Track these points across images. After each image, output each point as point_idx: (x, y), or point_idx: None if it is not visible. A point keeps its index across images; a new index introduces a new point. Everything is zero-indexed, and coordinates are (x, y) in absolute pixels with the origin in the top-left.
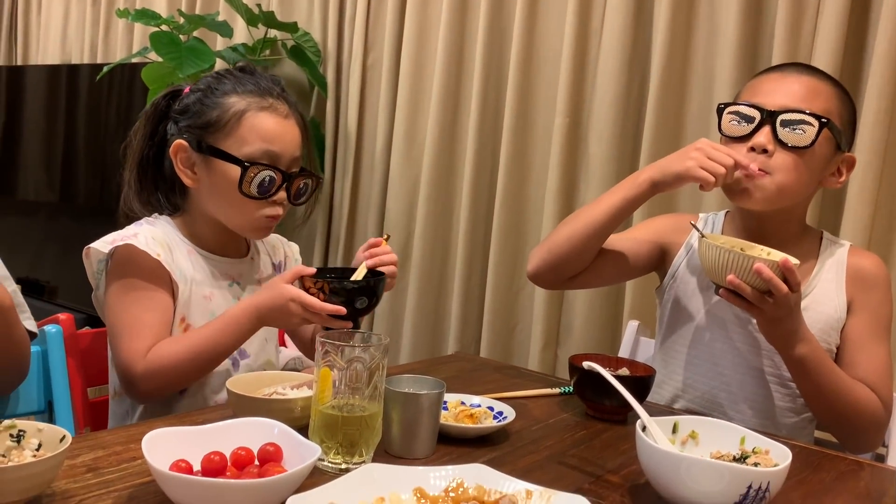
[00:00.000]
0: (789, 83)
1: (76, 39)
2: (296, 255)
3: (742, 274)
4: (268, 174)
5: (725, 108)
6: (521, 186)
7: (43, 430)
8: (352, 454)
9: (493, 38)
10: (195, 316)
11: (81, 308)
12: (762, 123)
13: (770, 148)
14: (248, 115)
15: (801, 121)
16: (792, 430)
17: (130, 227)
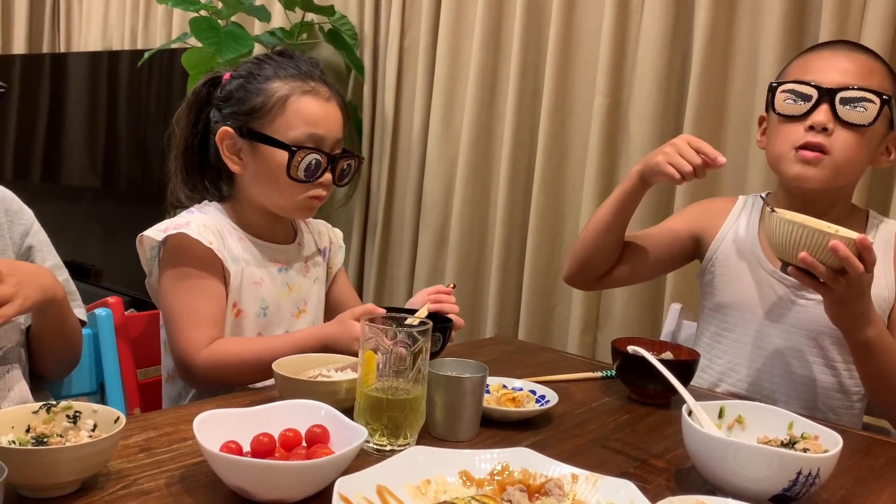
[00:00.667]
0: (842, 60)
1: (117, 26)
2: (340, 241)
3: (815, 251)
4: (314, 157)
5: (779, 87)
6: (560, 167)
7: (98, 412)
8: (396, 436)
9: (531, 17)
10: (246, 301)
11: (125, 291)
12: (820, 101)
13: (830, 126)
14: (292, 100)
15: (863, 98)
16: (839, 413)
17: (183, 215)
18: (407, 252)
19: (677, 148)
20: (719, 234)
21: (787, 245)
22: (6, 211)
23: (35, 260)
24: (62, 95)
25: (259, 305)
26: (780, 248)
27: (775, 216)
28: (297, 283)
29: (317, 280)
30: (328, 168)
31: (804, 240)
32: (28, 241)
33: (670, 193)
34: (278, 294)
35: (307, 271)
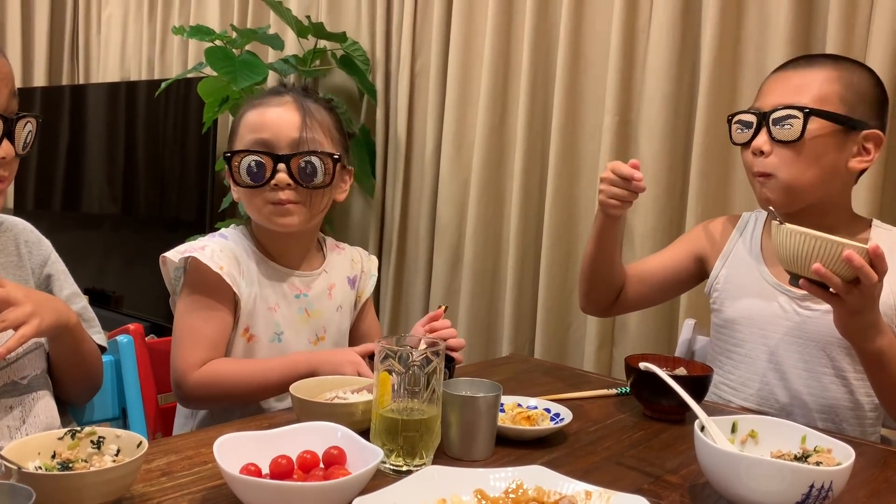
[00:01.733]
0: (786, 80)
1: (134, 57)
2: (373, 270)
3: (829, 262)
4: (253, 159)
5: (731, 119)
6: (572, 186)
7: (121, 437)
8: (412, 456)
9: (540, 39)
10: (259, 326)
11: (145, 317)
12: (759, 127)
13: (767, 149)
14: (244, 116)
15: (787, 116)
16: (852, 423)
17: (203, 239)
18: (422, 272)
19: (607, 181)
20: (723, 251)
21: (799, 257)
22: (25, 242)
23: (53, 289)
24: (82, 126)
25: (273, 331)
26: (791, 261)
27: (785, 228)
28: (316, 309)
29: (340, 308)
30: (277, 168)
31: (817, 251)
32: (47, 271)
33: (682, 211)
34: (294, 320)
35: (330, 298)
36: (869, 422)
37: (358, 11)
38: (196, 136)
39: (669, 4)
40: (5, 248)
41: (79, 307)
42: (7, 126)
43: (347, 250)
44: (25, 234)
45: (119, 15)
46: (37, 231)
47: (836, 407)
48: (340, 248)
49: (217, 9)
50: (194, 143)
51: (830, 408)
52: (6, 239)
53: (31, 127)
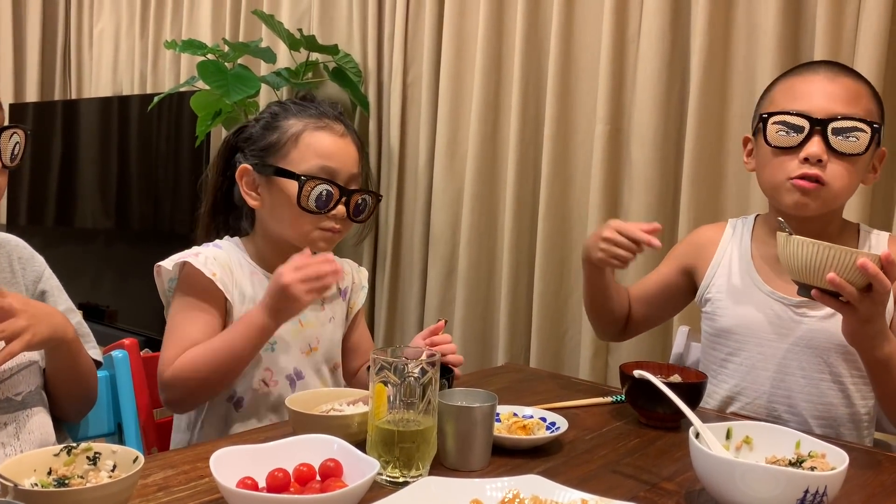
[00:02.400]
0: (827, 85)
1: (126, 71)
2: (363, 281)
3: (842, 271)
4: (325, 188)
5: (770, 118)
6: (565, 194)
7: (117, 452)
8: (409, 468)
9: (531, 49)
10: None
11: (140, 331)
12: (812, 132)
13: (824, 158)
14: (305, 135)
15: (854, 128)
16: (849, 428)
17: (196, 248)
18: (417, 282)
19: (611, 241)
20: (713, 262)
21: (811, 267)
22: (18, 259)
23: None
24: (74, 141)
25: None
26: (803, 272)
27: (795, 239)
28: (309, 319)
29: (332, 319)
30: (340, 201)
31: (831, 261)
32: (41, 287)
33: (674, 218)
34: (287, 330)
35: (322, 309)
36: (864, 425)
37: (349, 24)
38: (189, 150)
39: (658, 14)
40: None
41: (73, 323)
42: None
43: (337, 261)
44: (18, 251)
45: (111, 30)
46: (29, 247)
47: (833, 413)
48: None
49: (209, 23)
50: (187, 156)
51: (828, 414)
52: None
53: (18, 139)
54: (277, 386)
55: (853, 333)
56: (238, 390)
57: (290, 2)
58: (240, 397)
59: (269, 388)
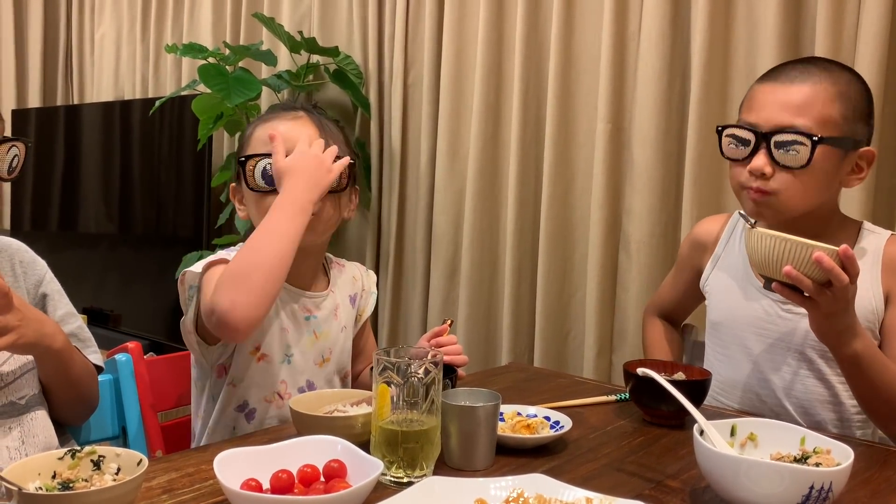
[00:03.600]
0: (782, 93)
1: (128, 76)
2: (372, 286)
3: (800, 264)
4: (268, 161)
5: (723, 131)
6: (567, 193)
7: (121, 455)
8: (413, 468)
9: (531, 49)
10: (271, 347)
11: (144, 335)
12: (758, 145)
13: (768, 171)
14: (257, 129)
15: (794, 141)
16: (837, 427)
17: (220, 252)
18: (419, 283)
19: None
20: (714, 253)
21: (770, 260)
22: (20, 262)
23: (48, 308)
24: (77, 146)
25: (284, 352)
26: (763, 264)
27: (756, 232)
28: (324, 331)
29: (344, 328)
30: None
31: (787, 254)
32: (42, 290)
33: (676, 217)
34: (304, 342)
35: (337, 319)
36: (856, 424)
37: (350, 26)
38: (191, 153)
39: (658, 12)
40: (1, 267)
41: (73, 327)
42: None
43: (348, 267)
44: (20, 255)
45: (112, 34)
46: (31, 251)
47: (819, 408)
48: (341, 266)
49: (209, 26)
50: (190, 159)
51: (814, 409)
52: (1, 259)
53: (17, 151)
54: (289, 398)
55: (819, 328)
56: (250, 401)
57: (291, 4)
58: (252, 408)
59: (283, 399)
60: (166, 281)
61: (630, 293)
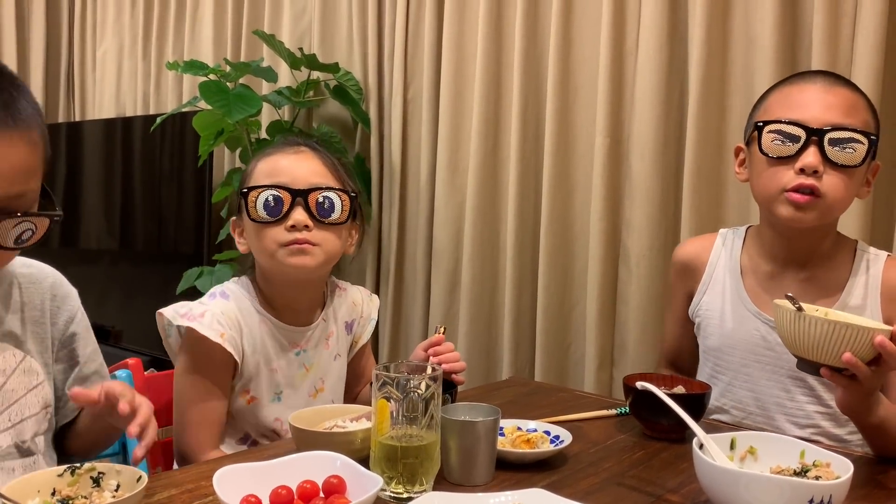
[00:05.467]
0: (824, 95)
1: (129, 93)
2: (373, 313)
3: (857, 349)
4: (270, 193)
5: (765, 126)
6: (566, 207)
7: (120, 472)
8: (413, 483)
9: (530, 64)
10: (261, 388)
11: (145, 351)
12: (808, 142)
13: (820, 169)
14: (259, 163)
15: (851, 139)
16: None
17: (205, 300)
18: (420, 297)
19: None
20: (703, 279)
21: (823, 346)
22: (53, 297)
23: (76, 346)
24: (79, 162)
25: (273, 391)
26: (812, 350)
27: (807, 317)
28: (314, 361)
29: (338, 356)
30: (295, 204)
31: (847, 340)
32: (73, 329)
33: (675, 230)
34: (294, 377)
35: (328, 347)
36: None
37: (350, 42)
38: (192, 170)
39: (656, 26)
40: (31, 300)
41: (97, 364)
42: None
43: (349, 291)
44: (55, 289)
45: (114, 52)
46: (66, 282)
47: (818, 432)
48: (342, 289)
49: (210, 43)
50: (190, 176)
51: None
52: (33, 292)
53: (28, 226)
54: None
55: (850, 406)
56: (252, 434)
57: (291, 21)
58: (254, 440)
59: (280, 436)
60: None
61: (630, 306)
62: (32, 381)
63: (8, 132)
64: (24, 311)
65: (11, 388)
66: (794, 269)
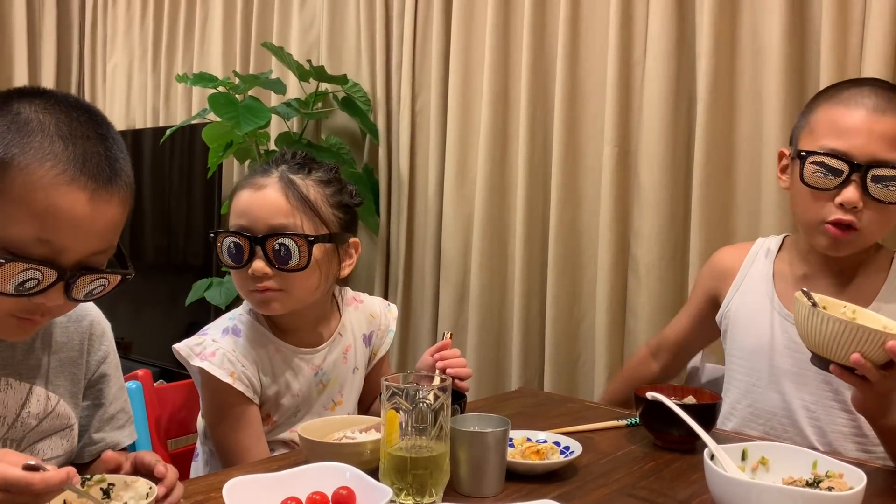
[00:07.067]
0: (873, 124)
1: (139, 105)
2: (391, 324)
3: (865, 350)
4: (231, 240)
5: (808, 157)
6: (575, 217)
7: (130, 484)
8: (422, 494)
9: (537, 74)
10: (283, 412)
11: (154, 362)
12: (850, 177)
13: (860, 205)
14: (234, 197)
15: (894, 177)
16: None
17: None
18: (429, 308)
19: None
20: (735, 281)
21: (835, 344)
22: (91, 335)
23: (104, 387)
24: None
25: (292, 412)
26: (824, 346)
27: (821, 313)
28: (331, 377)
29: (356, 370)
30: (254, 253)
31: (858, 340)
32: (103, 369)
33: (685, 240)
34: (312, 396)
35: (346, 361)
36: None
37: (358, 54)
38: (202, 181)
39: (664, 36)
40: (70, 340)
41: (122, 402)
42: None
43: (366, 303)
44: (93, 327)
45: (124, 65)
46: (103, 319)
47: (843, 439)
48: (359, 302)
49: (219, 56)
50: (200, 187)
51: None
52: (73, 332)
53: (103, 282)
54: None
55: (864, 405)
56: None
57: (299, 33)
58: (271, 449)
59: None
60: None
61: (639, 317)
62: (62, 424)
63: (108, 190)
64: (61, 351)
65: (41, 430)
66: (828, 275)
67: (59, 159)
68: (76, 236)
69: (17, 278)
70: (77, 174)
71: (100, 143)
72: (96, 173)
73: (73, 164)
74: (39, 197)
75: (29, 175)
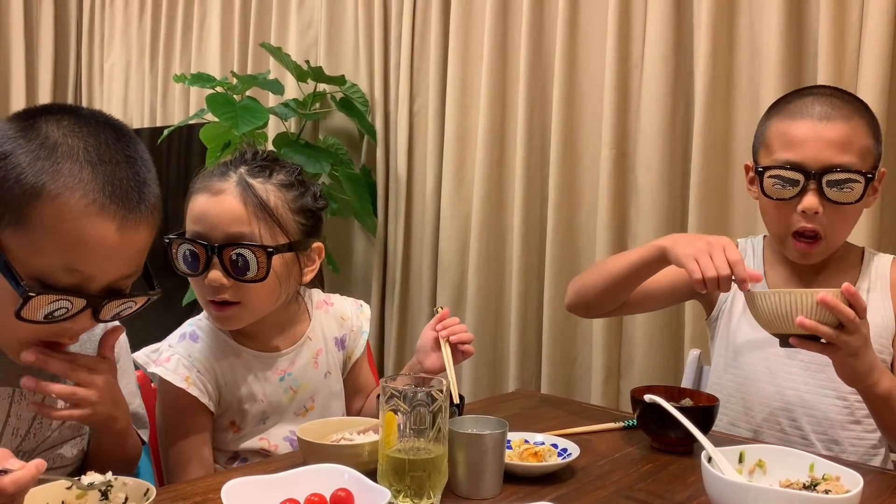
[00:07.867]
0: (823, 130)
1: (137, 105)
2: (364, 325)
3: (809, 313)
4: (187, 248)
5: (765, 172)
6: (572, 219)
7: (128, 485)
8: (420, 496)
9: (535, 76)
10: (248, 419)
11: None
12: (807, 186)
13: (820, 210)
14: (190, 199)
15: (849, 180)
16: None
17: (173, 343)
18: (426, 309)
19: (710, 248)
20: None
21: (780, 316)
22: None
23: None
24: None
25: (259, 418)
26: (774, 322)
27: (758, 294)
28: (302, 382)
29: (329, 374)
30: (210, 261)
31: (794, 305)
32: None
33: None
34: (280, 401)
35: (317, 366)
36: (872, 441)
37: (356, 55)
38: None
39: (661, 39)
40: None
41: (135, 405)
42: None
43: (336, 305)
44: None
45: (121, 65)
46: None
47: (839, 428)
48: (329, 305)
49: (217, 56)
50: None
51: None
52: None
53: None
54: (278, 448)
55: (845, 372)
56: (240, 453)
57: (297, 34)
58: (244, 458)
59: (271, 451)
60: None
61: (636, 318)
62: (74, 433)
63: (136, 217)
64: None
65: (54, 439)
66: (807, 274)
67: (88, 188)
68: (105, 264)
69: (46, 308)
70: (107, 202)
71: (128, 166)
72: (125, 200)
73: (103, 192)
74: (69, 227)
75: (59, 206)
